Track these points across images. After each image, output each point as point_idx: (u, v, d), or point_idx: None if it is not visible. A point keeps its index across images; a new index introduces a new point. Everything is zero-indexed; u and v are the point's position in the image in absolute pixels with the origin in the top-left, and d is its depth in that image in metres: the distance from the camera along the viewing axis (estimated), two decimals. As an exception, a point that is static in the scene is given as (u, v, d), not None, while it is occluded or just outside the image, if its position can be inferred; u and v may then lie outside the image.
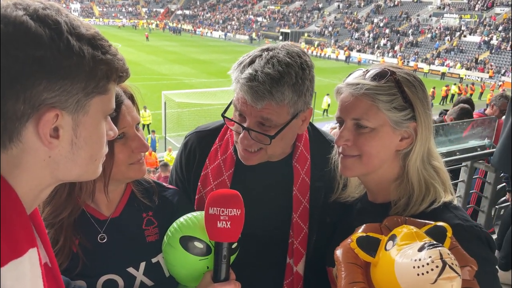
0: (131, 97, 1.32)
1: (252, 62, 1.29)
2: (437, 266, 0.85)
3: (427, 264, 0.86)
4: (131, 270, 1.32)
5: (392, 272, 0.93)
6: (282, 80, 1.25)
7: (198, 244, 1.24)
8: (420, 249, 0.89)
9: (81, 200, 1.27)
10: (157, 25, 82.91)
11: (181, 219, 1.32)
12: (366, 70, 1.29)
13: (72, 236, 1.27)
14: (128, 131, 1.26)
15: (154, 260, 1.35)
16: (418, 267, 0.87)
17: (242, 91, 1.27)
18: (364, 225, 1.14)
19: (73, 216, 1.27)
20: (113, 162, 1.24)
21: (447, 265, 0.85)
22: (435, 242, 0.91)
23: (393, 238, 1.00)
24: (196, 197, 1.55)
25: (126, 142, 1.26)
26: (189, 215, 1.33)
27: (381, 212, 1.23)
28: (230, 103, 1.39)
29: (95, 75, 0.76)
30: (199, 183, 1.55)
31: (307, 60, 1.33)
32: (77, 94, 0.74)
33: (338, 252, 1.09)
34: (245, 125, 1.33)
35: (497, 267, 1.21)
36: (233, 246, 1.24)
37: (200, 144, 1.59)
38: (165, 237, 1.32)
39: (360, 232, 1.11)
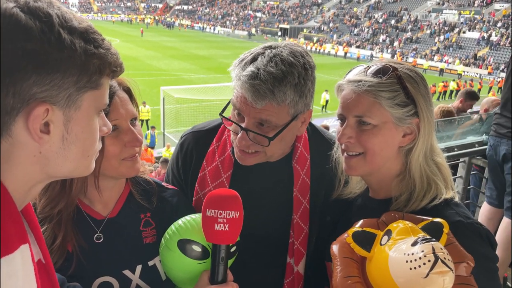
0: (128, 91, 1.28)
1: (254, 59, 1.24)
2: (429, 261, 0.86)
3: (420, 258, 0.87)
4: (127, 272, 1.29)
5: (386, 267, 0.94)
6: (285, 79, 1.21)
7: (196, 248, 1.21)
8: (414, 244, 0.90)
9: (73, 194, 1.23)
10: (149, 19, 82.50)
11: (180, 221, 1.28)
12: (367, 67, 1.27)
13: (71, 233, 1.24)
14: (120, 124, 1.22)
15: (150, 263, 1.33)
16: (411, 261, 0.88)
17: (243, 89, 1.23)
18: (362, 220, 1.14)
19: (70, 209, 1.24)
20: (103, 155, 1.19)
21: (439, 260, 0.86)
22: (428, 237, 0.92)
23: (388, 233, 1.01)
24: (193, 198, 1.52)
25: (118, 135, 1.22)
26: (187, 217, 1.29)
27: (382, 208, 1.23)
28: (229, 102, 1.35)
29: (87, 69, 0.74)
30: (196, 185, 1.51)
31: (310, 60, 1.30)
32: (69, 89, 0.73)
33: (334, 246, 1.10)
34: (243, 125, 1.29)
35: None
36: (232, 250, 1.22)
37: (196, 145, 1.55)
38: (162, 239, 1.28)
39: (357, 227, 1.11)
